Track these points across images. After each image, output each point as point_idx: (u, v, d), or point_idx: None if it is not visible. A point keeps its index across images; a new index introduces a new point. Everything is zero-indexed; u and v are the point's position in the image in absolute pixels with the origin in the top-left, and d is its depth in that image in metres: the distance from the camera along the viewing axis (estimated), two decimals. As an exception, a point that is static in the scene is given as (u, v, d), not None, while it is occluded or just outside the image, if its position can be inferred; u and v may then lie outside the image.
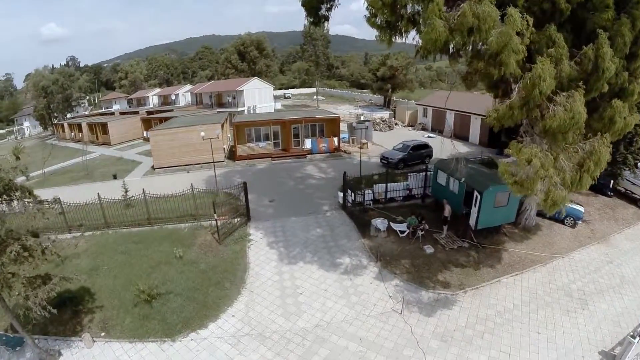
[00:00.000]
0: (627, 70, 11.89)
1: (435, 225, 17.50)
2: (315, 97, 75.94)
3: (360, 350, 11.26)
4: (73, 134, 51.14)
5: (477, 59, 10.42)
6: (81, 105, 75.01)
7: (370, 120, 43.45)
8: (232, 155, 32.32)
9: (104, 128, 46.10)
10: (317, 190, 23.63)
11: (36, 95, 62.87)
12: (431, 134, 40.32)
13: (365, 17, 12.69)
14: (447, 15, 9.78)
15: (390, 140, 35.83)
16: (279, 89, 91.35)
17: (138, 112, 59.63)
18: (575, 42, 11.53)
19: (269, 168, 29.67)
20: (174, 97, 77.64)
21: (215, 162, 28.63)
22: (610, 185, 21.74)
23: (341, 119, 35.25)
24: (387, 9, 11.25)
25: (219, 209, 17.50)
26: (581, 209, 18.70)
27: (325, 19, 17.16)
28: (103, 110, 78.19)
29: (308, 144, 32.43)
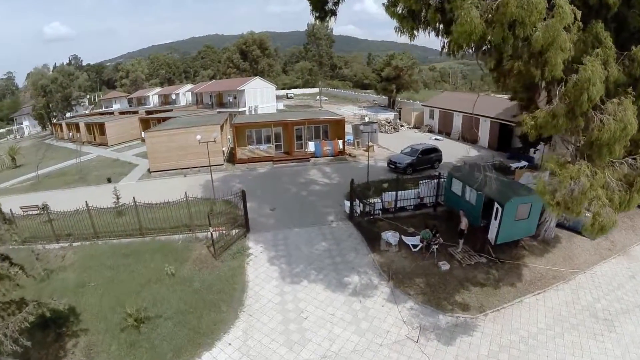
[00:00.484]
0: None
1: (450, 237, 16.23)
2: (318, 98, 74.73)
3: (373, 388, 9.94)
4: (71, 134, 50.11)
5: (515, 58, 9.01)
6: (81, 104, 74.02)
7: (375, 121, 42.22)
8: (232, 158, 30.99)
9: (102, 128, 45.26)
10: (322, 198, 22.30)
11: (35, 94, 61.96)
12: (438, 137, 39.06)
13: (383, 6, 11.19)
14: (484, 4, 8.35)
15: (397, 142, 34.60)
16: (282, 88, 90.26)
17: (137, 112, 58.71)
18: (615, 43, 10.18)
19: (270, 172, 28.37)
20: (174, 97, 76.40)
21: (214, 166, 27.39)
22: None
23: (346, 120, 33.92)
24: (411, -5, 9.80)
25: (216, 219, 16.20)
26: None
27: (333, 13, 15.78)
28: (103, 109, 76.96)
29: (311, 146, 30.99)
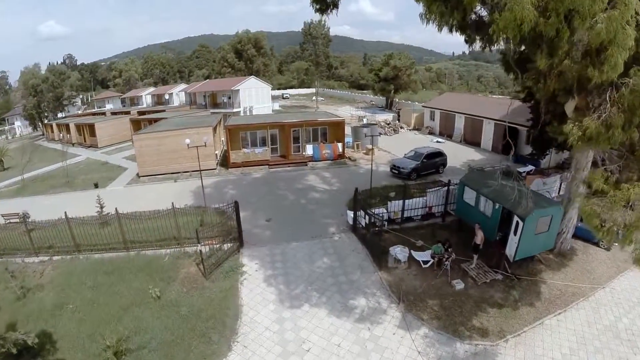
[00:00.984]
0: None
1: (461, 249, 14.99)
2: (314, 98, 73.35)
3: None
4: (62, 134, 48.40)
5: (566, 56, 7.57)
6: (73, 104, 72.22)
7: (375, 123, 40.92)
8: (226, 162, 29.47)
9: (92, 129, 43.75)
10: (322, 206, 20.86)
11: (26, 94, 60.25)
12: (439, 139, 37.77)
13: None
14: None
15: (397, 145, 33.30)
16: (277, 88, 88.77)
17: (130, 112, 57.08)
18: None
19: (266, 177, 26.90)
20: (167, 97, 74.63)
21: (206, 170, 25.90)
22: None
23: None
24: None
25: (206, 231, 14.74)
26: (616, 229, 16.35)
27: (334, 5, 14.40)
28: (96, 109, 75.03)
29: (309, 150, 29.57)
